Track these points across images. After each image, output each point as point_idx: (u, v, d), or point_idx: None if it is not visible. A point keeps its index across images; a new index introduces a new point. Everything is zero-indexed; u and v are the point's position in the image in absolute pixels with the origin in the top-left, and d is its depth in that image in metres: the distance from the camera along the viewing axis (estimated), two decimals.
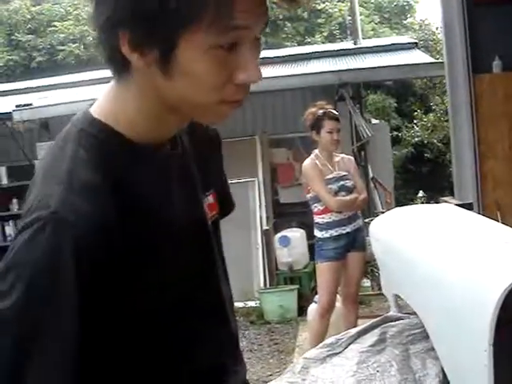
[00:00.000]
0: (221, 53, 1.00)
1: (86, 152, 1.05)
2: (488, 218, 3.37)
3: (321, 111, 5.26)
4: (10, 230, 9.30)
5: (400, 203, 10.11)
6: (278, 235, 8.23)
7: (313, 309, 5.72)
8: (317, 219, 5.30)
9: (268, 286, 8.13)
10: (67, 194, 0.99)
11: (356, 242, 5.26)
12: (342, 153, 5.69)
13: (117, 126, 1.08)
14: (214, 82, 1.01)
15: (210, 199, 1.28)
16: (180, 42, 0.98)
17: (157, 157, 1.13)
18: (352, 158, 5.77)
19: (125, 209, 1.02)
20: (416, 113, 16.52)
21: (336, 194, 5.20)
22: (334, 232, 5.19)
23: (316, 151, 5.37)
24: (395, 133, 15.87)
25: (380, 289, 6.47)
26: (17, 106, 9.37)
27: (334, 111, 5.41)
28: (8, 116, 9.28)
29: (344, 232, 5.20)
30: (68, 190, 0.99)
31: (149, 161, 1.11)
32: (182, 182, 1.18)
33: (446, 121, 12.80)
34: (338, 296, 5.44)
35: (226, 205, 1.42)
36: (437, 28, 17.90)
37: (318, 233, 5.32)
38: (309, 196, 5.35)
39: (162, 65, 1.01)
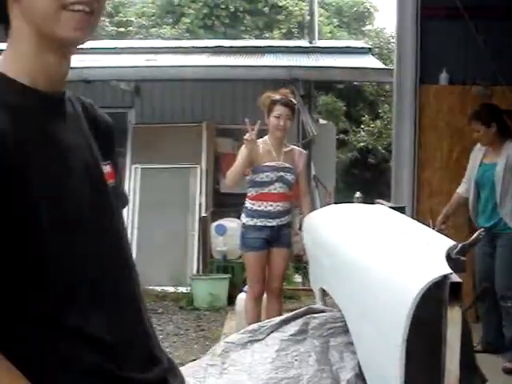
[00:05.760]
0: None
1: None
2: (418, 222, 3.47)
3: (278, 96, 5.18)
4: None
5: None
6: (215, 223, 8.24)
7: (242, 298, 5.74)
8: (247, 203, 5.22)
9: (201, 273, 8.14)
10: None
11: (280, 237, 5.19)
12: (295, 145, 5.63)
13: (11, 73, 1.23)
14: None
15: (108, 168, 1.39)
16: None
17: (48, 96, 1.26)
18: (305, 152, 5.61)
19: (18, 126, 1.17)
20: (364, 118, 16.76)
21: (273, 183, 5.13)
22: (258, 221, 5.13)
23: (266, 136, 5.29)
24: (342, 136, 16.06)
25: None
26: None
27: (292, 99, 5.29)
28: None
29: (269, 224, 5.13)
30: None
31: (39, 97, 1.24)
32: (76, 129, 1.32)
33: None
34: None
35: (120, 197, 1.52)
36: (392, 37, 18.17)
37: (243, 218, 5.25)
38: (247, 178, 5.26)
39: None
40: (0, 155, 1.12)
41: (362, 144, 16.65)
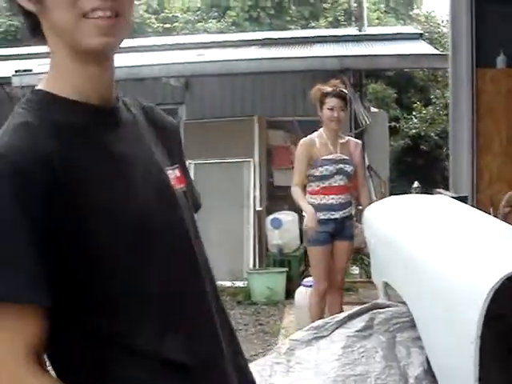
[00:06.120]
0: None
1: (26, 110, 1.16)
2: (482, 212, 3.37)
3: (329, 88, 5.14)
4: None
5: (394, 194, 10.06)
6: (270, 217, 8.20)
7: (301, 292, 5.71)
8: (308, 198, 5.18)
9: (257, 267, 8.12)
10: (1, 136, 1.10)
11: (344, 229, 5.16)
12: (348, 135, 5.57)
13: (58, 91, 1.19)
14: None
15: (177, 173, 1.33)
16: None
17: (100, 109, 1.21)
18: (360, 142, 5.55)
19: (67, 144, 1.13)
20: (415, 105, 16.49)
21: (333, 176, 5.10)
22: (322, 215, 5.08)
23: (321, 129, 5.25)
24: (393, 123, 15.85)
25: (368, 277, 6.48)
26: (16, 71, 9.29)
27: (343, 90, 5.26)
28: (7, 81, 9.19)
29: (332, 217, 5.10)
30: (2, 133, 1.11)
31: (91, 111, 1.20)
32: (135, 137, 1.26)
33: (446, 114, 12.78)
34: None
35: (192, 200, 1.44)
36: (442, 21, 17.87)
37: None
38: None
39: None
40: (46, 177, 1.07)
41: (414, 131, 16.35)
